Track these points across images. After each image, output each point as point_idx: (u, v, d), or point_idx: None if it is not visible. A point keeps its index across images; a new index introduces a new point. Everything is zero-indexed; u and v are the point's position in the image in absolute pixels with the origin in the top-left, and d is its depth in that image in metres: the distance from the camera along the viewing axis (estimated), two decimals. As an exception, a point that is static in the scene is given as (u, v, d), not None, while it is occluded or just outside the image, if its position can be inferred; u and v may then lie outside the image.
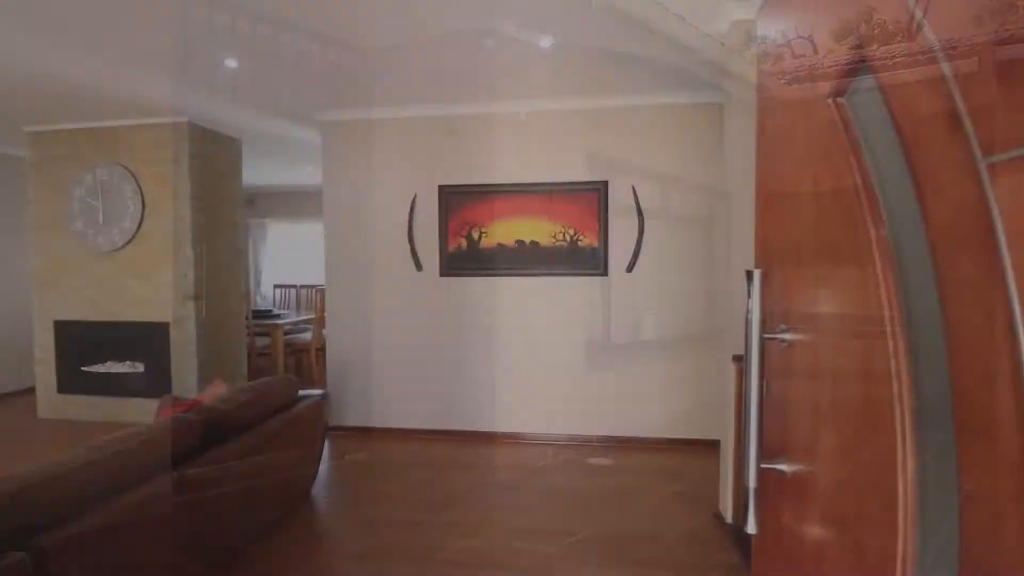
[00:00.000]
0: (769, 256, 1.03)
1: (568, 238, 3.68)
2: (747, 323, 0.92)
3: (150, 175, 4.23)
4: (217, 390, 2.62)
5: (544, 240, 3.71)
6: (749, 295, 0.93)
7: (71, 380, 4.50)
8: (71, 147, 4.37)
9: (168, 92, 3.50)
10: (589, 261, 3.66)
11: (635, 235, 3.61)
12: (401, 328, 3.91)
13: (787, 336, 0.93)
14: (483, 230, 3.78)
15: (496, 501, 2.78)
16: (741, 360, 2.42)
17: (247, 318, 5.40)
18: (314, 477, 2.82)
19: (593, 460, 3.37)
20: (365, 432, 3.94)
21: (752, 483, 0.93)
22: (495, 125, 3.75)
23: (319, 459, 2.82)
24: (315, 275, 7.98)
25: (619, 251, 3.64)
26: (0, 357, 5.17)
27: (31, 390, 5.15)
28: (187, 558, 1.80)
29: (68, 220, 4.37)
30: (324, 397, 2.79)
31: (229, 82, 3.29)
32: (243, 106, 3.79)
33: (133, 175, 4.24)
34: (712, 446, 3.47)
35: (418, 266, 3.85)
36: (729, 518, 2.47)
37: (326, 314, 4.07)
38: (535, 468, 3.23)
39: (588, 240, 3.67)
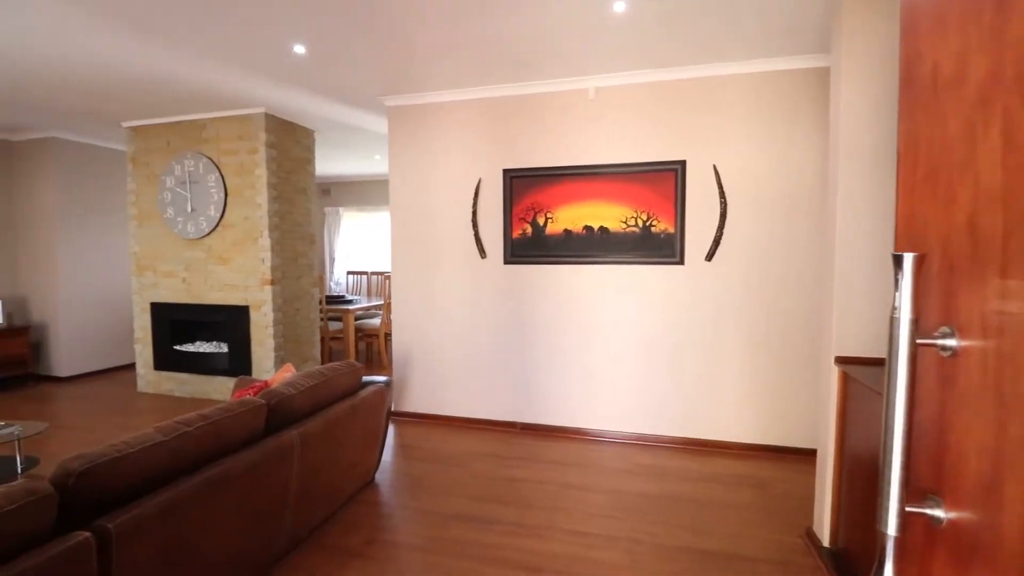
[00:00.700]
0: (921, 237, 0.79)
1: (640, 223, 3.43)
2: (892, 323, 0.70)
3: (231, 165, 4.43)
4: (286, 374, 2.66)
5: (614, 225, 3.48)
6: (897, 287, 0.71)
7: (165, 358, 4.86)
8: (163, 140, 4.67)
9: (244, 83, 3.61)
10: (664, 248, 3.39)
11: (716, 219, 3.29)
12: (465, 316, 3.84)
13: (951, 342, 0.70)
14: (549, 215, 3.61)
15: (561, 501, 2.64)
16: (844, 362, 2.11)
17: (321, 303, 5.59)
18: (378, 464, 2.82)
19: (665, 463, 3.14)
20: (428, 420, 3.94)
21: (892, 530, 0.72)
22: (562, 104, 3.55)
23: (382, 446, 2.81)
24: (385, 262, 8.19)
25: (698, 237, 3.34)
26: (108, 335, 5.69)
27: (132, 365, 5.66)
28: (249, 541, 1.81)
29: (161, 208, 4.69)
30: (388, 384, 2.77)
31: (298, 68, 3.32)
32: (313, 93, 3.84)
33: (216, 165, 4.46)
34: (803, 455, 3.13)
35: (482, 253, 3.76)
36: (826, 540, 2.17)
37: (392, 302, 4.08)
38: (602, 467, 3.06)
39: (663, 225, 3.39)
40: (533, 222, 3.65)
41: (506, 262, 3.72)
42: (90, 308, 5.51)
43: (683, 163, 3.35)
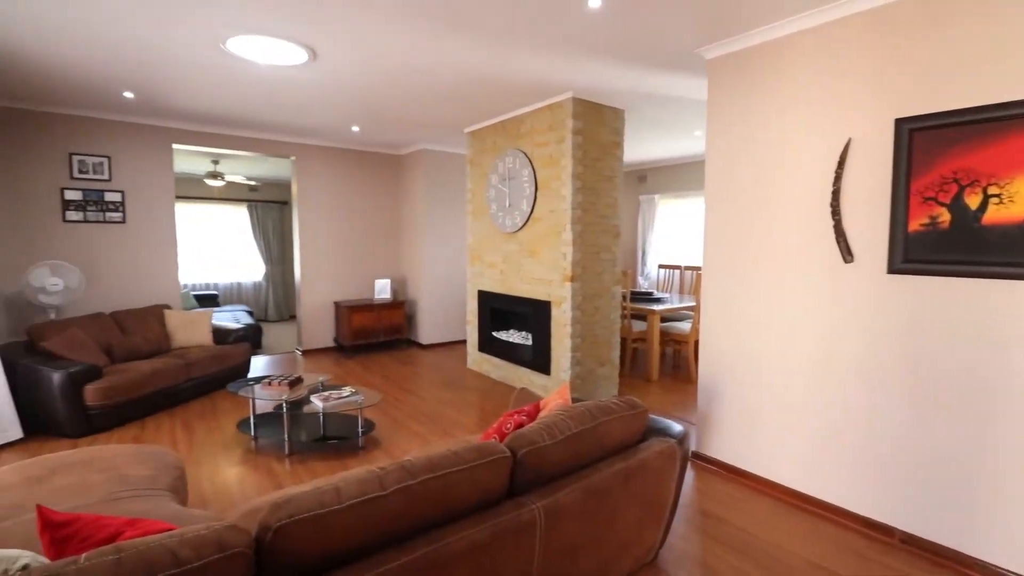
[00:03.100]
0: None
1: None
2: None
3: (541, 158, 4.35)
4: (559, 400, 2.22)
5: None
6: None
7: (486, 341, 5.28)
8: (491, 140, 4.98)
9: (550, 64, 3.33)
10: None
11: None
12: (811, 345, 2.65)
13: None
14: (992, 191, 2.06)
15: None
16: None
17: (624, 299, 5.14)
18: (662, 541, 2.10)
19: None
20: (742, 477, 2.94)
21: None
22: (1047, -18, 1.93)
23: (670, 520, 2.07)
24: (700, 255, 7.17)
25: None
26: (453, 313, 6.69)
27: (464, 342, 6.50)
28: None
29: (488, 204, 5.05)
30: (681, 439, 1.99)
31: (597, 28, 2.79)
32: (618, 60, 3.28)
33: (529, 159, 4.46)
34: None
35: (847, 254, 2.48)
36: None
37: (702, 304, 3.22)
38: None
39: None
40: (954, 204, 2.16)
41: (892, 270, 2.34)
42: (442, 290, 6.57)
43: None
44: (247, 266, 9.09)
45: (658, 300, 5.46)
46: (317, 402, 3.24)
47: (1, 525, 1.61)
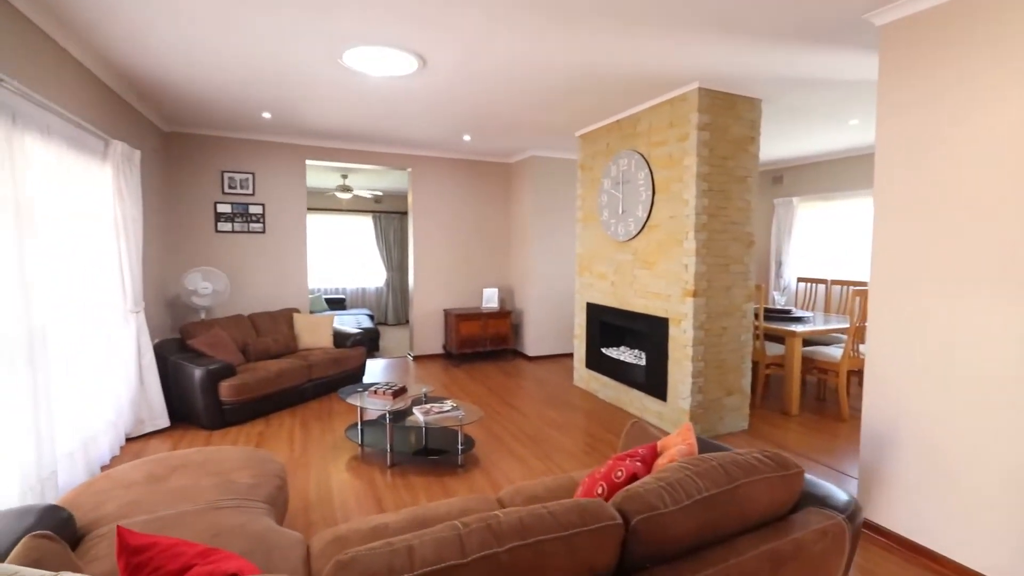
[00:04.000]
0: None
1: None
2: None
3: (660, 158, 3.93)
4: (681, 444, 1.85)
5: None
6: None
7: (594, 357, 4.94)
8: (603, 143, 4.66)
9: (671, 49, 2.95)
10: None
11: None
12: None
13: None
14: None
15: None
16: None
17: (757, 317, 4.48)
18: (817, 640, 1.62)
19: None
20: (922, 556, 2.27)
21: None
22: None
23: (829, 618, 1.58)
24: (853, 268, 6.11)
25: None
26: (560, 326, 6.42)
27: (571, 356, 6.18)
28: None
29: (599, 211, 4.73)
30: (851, 514, 1.51)
31: None
32: (754, 36, 2.79)
33: (646, 160, 4.06)
34: None
35: (1104, 271, 1.78)
36: None
37: (868, 328, 2.59)
38: None
39: None
40: None
41: None
42: (550, 300, 6.35)
43: None
44: (371, 272, 9.69)
45: (799, 320, 4.70)
46: (419, 415, 3.16)
47: (112, 526, 1.66)
